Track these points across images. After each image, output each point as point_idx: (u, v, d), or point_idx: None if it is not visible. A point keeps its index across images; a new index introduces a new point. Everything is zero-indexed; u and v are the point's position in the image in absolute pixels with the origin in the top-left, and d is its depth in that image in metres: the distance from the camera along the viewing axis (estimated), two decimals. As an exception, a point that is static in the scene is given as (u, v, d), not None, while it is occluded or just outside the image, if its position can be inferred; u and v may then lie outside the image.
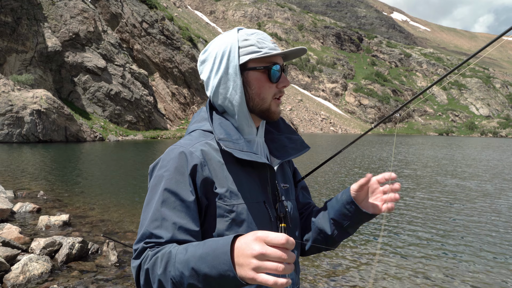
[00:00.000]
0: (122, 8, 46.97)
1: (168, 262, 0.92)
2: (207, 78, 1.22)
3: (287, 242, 0.78)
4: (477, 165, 20.56)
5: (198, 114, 1.26)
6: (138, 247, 1.01)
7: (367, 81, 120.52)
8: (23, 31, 33.11)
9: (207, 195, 1.10)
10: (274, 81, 1.18)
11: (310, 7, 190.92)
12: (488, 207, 9.69)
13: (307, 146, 1.32)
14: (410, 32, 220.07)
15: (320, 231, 1.28)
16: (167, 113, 47.18)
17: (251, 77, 1.18)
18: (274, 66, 1.17)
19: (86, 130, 31.04)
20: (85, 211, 7.87)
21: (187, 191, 1.06)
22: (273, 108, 1.21)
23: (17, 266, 4.48)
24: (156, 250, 0.97)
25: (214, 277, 0.85)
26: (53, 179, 11.87)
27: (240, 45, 1.17)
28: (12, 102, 26.14)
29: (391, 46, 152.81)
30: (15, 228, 5.84)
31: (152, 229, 1.01)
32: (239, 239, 0.84)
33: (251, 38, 1.18)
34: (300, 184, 1.41)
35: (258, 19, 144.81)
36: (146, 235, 1.02)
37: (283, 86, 1.20)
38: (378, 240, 6.53)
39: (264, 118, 1.22)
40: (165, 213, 1.03)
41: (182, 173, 1.08)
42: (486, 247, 6.40)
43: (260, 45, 1.17)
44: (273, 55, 1.18)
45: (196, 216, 1.06)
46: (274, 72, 1.17)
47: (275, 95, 1.20)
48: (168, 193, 1.05)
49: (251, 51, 1.16)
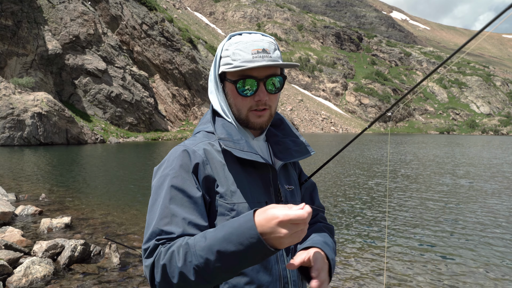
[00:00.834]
0: (122, 10, 47.02)
1: (187, 253, 0.93)
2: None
3: (308, 215, 0.86)
4: (487, 164, 20.53)
5: (204, 117, 1.29)
6: (149, 246, 1.00)
7: (367, 81, 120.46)
8: (24, 34, 33.16)
9: (209, 193, 1.12)
10: (243, 95, 1.16)
11: (309, 7, 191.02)
12: (497, 206, 9.67)
13: (312, 151, 1.31)
14: (409, 31, 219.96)
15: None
16: (168, 114, 47.21)
17: (227, 88, 1.20)
18: (241, 80, 1.14)
19: (87, 132, 31.07)
20: (87, 214, 7.88)
21: (194, 188, 1.08)
22: (252, 120, 1.19)
23: (20, 269, 4.48)
24: (169, 245, 0.98)
25: (243, 252, 0.88)
26: (55, 181, 11.88)
27: (221, 55, 1.19)
28: (13, 105, 26.18)
29: (391, 45, 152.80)
30: (17, 231, 5.85)
31: (162, 226, 1.02)
32: (257, 215, 0.89)
33: (230, 49, 1.17)
34: (305, 185, 1.41)
35: (257, 20, 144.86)
36: (156, 232, 1.01)
37: (258, 100, 1.16)
38: (384, 245, 6.53)
39: (247, 127, 1.21)
40: (174, 209, 1.04)
41: (187, 171, 1.09)
42: (500, 249, 6.39)
43: (234, 57, 1.14)
44: (243, 69, 1.13)
45: (204, 212, 1.08)
46: (239, 86, 1.15)
47: (251, 107, 1.17)
48: (175, 190, 1.07)
49: (225, 62, 1.17)
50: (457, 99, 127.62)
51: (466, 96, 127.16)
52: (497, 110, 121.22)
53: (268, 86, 1.16)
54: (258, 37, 1.17)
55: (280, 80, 1.19)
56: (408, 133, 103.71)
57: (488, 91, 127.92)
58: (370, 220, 7.95)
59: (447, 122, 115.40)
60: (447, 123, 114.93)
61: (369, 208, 9.11)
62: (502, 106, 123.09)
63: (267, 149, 1.28)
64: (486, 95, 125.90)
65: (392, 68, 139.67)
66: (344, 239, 6.58)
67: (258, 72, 1.14)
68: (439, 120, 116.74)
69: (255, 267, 1.11)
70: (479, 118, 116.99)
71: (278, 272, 1.15)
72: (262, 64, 1.11)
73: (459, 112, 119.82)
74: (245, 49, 1.14)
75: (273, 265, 1.14)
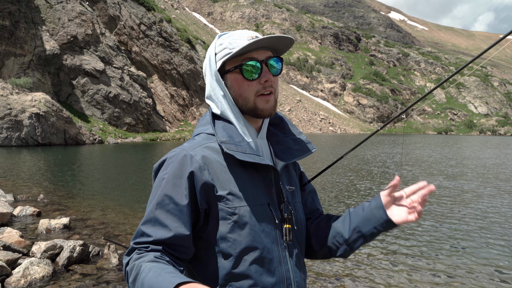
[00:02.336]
0: (120, 11, 46.95)
1: (136, 275, 0.97)
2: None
3: None
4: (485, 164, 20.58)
5: (203, 118, 1.28)
6: (130, 245, 1.08)
7: (366, 81, 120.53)
8: (21, 35, 33.07)
9: (208, 199, 1.12)
10: (249, 78, 1.16)
11: (307, 8, 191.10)
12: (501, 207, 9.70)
13: (313, 148, 1.30)
14: (407, 31, 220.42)
15: (337, 234, 1.26)
16: (166, 115, 47.17)
17: (230, 80, 1.19)
18: (246, 63, 1.15)
19: (85, 132, 31.01)
20: (86, 214, 7.86)
21: (182, 195, 1.09)
22: (260, 106, 1.18)
23: (18, 270, 4.47)
24: (138, 256, 1.03)
25: None
26: (53, 182, 11.85)
27: (216, 51, 1.20)
28: (11, 106, 26.11)
29: (389, 46, 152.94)
30: (16, 232, 5.83)
31: (144, 229, 1.08)
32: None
33: (224, 42, 1.19)
34: (308, 188, 1.40)
35: (256, 20, 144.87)
36: (139, 233, 1.08)
37: (265, 81, 1.16)
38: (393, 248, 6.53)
39: (256, 116, 1.20)
40: (158, 215, 1.08)
41: (180, 177, 1.10)
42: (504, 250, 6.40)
43: (232, 46, 1.16)
44: (245, 52, 1.15)
45: (188, 221, 1.09)
46: (245, 69, 1.16)
47: (257, 92, 1.17)
48: (164, 196, 1.09)
49: (224, 54, 1.18)
50: (455, 100, 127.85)
51: (464, 96, 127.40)
52: (494, 111, 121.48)
53: (270, 67, 1.18)
54: (248, 31, 1.20)
55: (278, 61, 1.21)
56: (406, 133, 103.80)
57: (486, 91, 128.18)
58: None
59: (445, 123, 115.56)
60: (445, 123, 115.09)
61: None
62: (500, 106, 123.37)
63: (268, 149, 1.27)
64: (484, 96, 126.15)
65: (390, 69, 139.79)
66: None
67: (257, 55, 1.16)
68: (437, 121, 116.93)
69: (258, 270, 1.11)
70: (476, 119, 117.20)
71: (282, 274, 1.15)
72: (260, 39, 1.13)
73: (457, 113, 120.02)
74: (240, 38, 1.17)
75: (276, 267, 1.14)
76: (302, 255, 1.27)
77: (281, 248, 1.16)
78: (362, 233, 1.20)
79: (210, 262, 1.13)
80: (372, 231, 1.19)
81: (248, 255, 1.11)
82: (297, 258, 1.21)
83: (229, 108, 1.21)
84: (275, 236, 1.15)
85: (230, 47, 1.16)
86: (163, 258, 1.02)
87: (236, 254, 1.11)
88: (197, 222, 1.13)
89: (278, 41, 1.17)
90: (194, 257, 1.16)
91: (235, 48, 1.15)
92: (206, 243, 1.14)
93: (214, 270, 1.12)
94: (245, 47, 1.13)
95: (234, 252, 1.11)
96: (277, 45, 1.19)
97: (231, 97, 1.20)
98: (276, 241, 1.15)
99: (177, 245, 1.07)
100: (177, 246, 1.08)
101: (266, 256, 1.13)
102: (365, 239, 1.21)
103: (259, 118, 1.21)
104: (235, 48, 1.15)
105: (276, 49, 1.22)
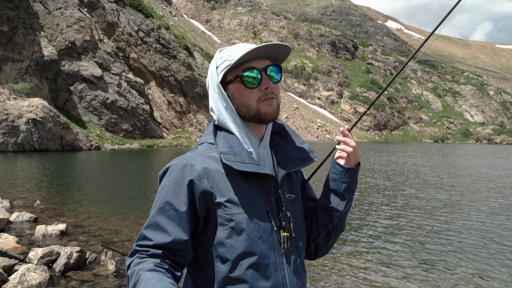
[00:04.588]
0: (119, 17, 47.10)
1: (136, 283, 1.03)
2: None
3: None
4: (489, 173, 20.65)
5: (208, 128, 1.33)
6: (133, 247, 1.14)
7: (363, 89, 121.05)
8: (19, 40, 33.10)
9: (207, 206, 1.17)
10: (250, 86, 1.21)
11: (305, 16, 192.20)
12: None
13: (315, 157, 1.34)
14: (404, 40, 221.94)
15: (325, 207, 1.34)
16: (163, 121, 47.15)
17: (232, 90, 1.24)
18: (245, 72, 1.21)
19: (82, 138, 30.94)
20: (83, 220, 7.84)
21: (182, 202, 1.14)
22: (263, 110, 1.22)
23: (15, 276, 4.46)
24: (138, 261, 1.09)
25: None
26: (50, 188, 11.82)
27: (217, 65, 1.26)
28: (8, 111, 26.06)
29: (386, 54, 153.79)
30: (12, 238, 5.82)
31: (146, 232, 1.13)
32: None
33: (224, 55, 1.25)
34: (309, 195, 1.44)
35: (253, 28, 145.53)
36: (141, 236, 1.14)
37: (266, 87, 1.21)
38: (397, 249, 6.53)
39: (260, 122, 1.24)
40: (159, 220, 1.13)
41: (180, 185, 1.15)
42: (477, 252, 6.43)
43: (232, 57, 1.22)
44: (244, 62, 1.21)
45: (187, 227, 1.14)
46: (246, 77, 1.21)
47: (259, 98, 1.22)
48: (165, 202, 1.15)
49: (224, 66, 1.23)
50: (451, 108, 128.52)
51: (460, 105, 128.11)
52: (490, 119, 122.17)
53: (270, 74, 1.24)
54: (246, 43, 1.26)
55: (277, 69, 1.26)
56: (403, 141, 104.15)
57: (482, 100, 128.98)
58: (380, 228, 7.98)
59: (441, 131, 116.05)
60: (441, 131, 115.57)
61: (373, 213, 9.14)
62: (496, 115, 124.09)
63: (271, 158, 1.30)
64: (480, 104, 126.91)
65: (387, 77, 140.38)
66: (342, 240, 6.60)
67: (257, 64, 1.22)
68: (433, 129, 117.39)
69: (254, 274, 1.15)
70: (473, 127, 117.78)
71: (278, 280, 1.17)
72: (258, 47, 1.18)
73: (453, 121, 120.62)
74: (239, 50, 1.23)
75: (272, 273, 1.17)
76: (301, 262, 1.29)
77: (278, 255, 1.19)
78: (339, 192, 1.31)
79: (208, 265, 1.18)
80: (343, 185, 1.30)
81: (244, 260, 1.15)
82: (294, 265, 1.23)
83: (231, 119, 1.25)
84: (272, 243, 1.19)
85: (230, 59, 1.22)
86: (162, 266, 1.07)
87: (233, 259, 1.15)
88: (196, 228, 1.19)
89: (276, 49, 1.23)
90: (195, 260, 1.21)
91: (234, 59, 1.20)
92: (205, 247, 1.18)
93: (212, 274, 1.17)
94: (244, 56, 1.18)
95: (231, 257, 1.15)
96: (276, 54, 1.25)
97: (233, 107, 1.25)
98: (273, 247, 1.19)
99: (176, 250, 1.12)
100: (176, 250, 1.13)
101: (262, 262, 1.16)
102: (344, 196, 1.31)
103: (263, 124, 1.25)
104: (234, 59, 1.20)
105: (275, 58, 1.27)
